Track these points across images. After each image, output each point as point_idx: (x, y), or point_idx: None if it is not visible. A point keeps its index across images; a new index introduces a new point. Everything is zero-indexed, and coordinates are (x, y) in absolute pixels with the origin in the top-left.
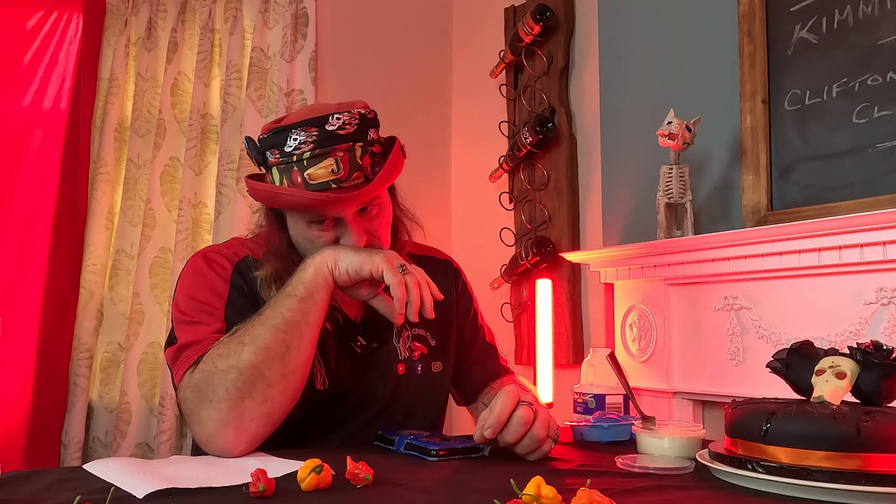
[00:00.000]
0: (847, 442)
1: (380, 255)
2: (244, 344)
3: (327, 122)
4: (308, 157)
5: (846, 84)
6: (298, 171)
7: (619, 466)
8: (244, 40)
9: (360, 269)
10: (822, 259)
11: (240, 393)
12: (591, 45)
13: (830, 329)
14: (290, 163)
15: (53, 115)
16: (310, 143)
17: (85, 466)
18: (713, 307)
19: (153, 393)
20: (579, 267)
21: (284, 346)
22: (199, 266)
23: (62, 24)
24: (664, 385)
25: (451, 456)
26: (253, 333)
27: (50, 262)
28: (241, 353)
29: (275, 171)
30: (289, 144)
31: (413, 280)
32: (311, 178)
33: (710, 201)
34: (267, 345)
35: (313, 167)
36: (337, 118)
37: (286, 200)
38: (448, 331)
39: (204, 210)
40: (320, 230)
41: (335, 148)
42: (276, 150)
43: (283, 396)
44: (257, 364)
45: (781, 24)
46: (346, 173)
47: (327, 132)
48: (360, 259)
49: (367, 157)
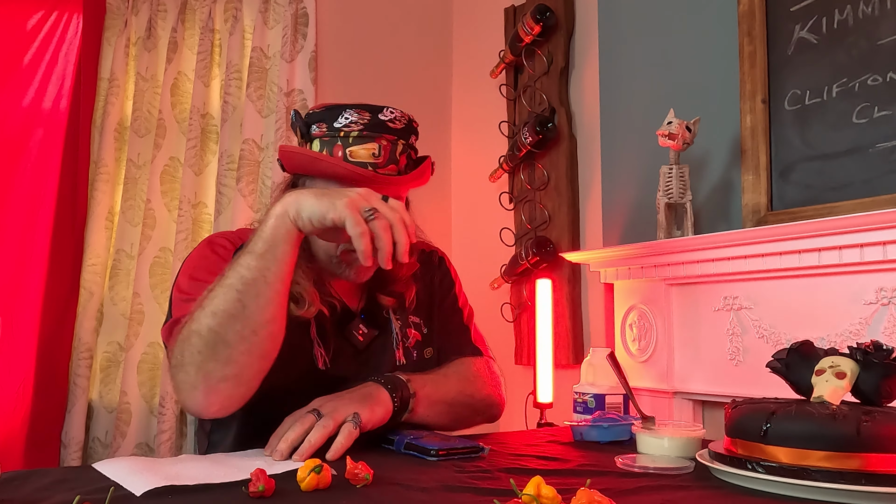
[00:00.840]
0: (847, 442)
1: (344, 199)
2: (203, 307)
3: (381, 112)
4: (355, 136)
5: (846, 84)
6: (341, 146)
7: (619, 466)
8: (244, 40)
9: (322, 218)
10: (822, 259)
11: (203, 356)
12: (591, 44)
13: (830, 329)
14: (336, 137)
15: (53, 114)
16: (360, 124)
17: (94, 465)
18: (713, 307)
19: (153, 393)
20: (579, 267)
21: (240, 306)
22: (203, 251)
23: (62, 24)
24: (664, 385)
25: (450, 456)
26: (210, 296)
27: (50, 262)
28: (200, 317)
29: (316, 142)
30: (339, 121)
31: (381, 224)
32: (352, 154)
33: (710, 201)
34: (222, 306)
35: (357, 146)
36: (390, 111)
37: (323, 167)
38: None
39: (204, 210)
40: None
41: (382, 135)
42: (323, 124)
43: (248, 356)
44: (214, 327)
45: (781, 23)
46: (384, 161)
47: (378, 120)
48: (323, 206)
49: (404, 157)
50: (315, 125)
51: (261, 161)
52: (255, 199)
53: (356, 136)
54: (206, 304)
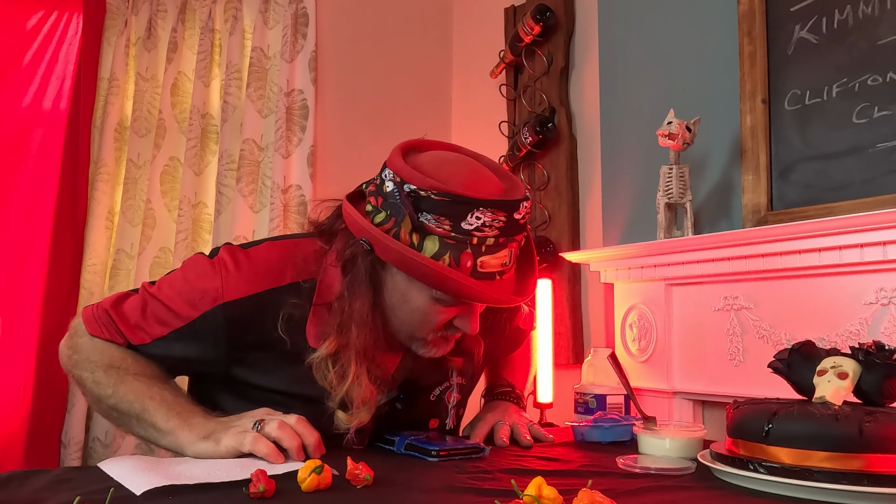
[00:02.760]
0: (849, 442)
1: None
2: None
3: (517, 210)
4: (491, 245)
5: (846, 84)
6: (472, 256)
7: (621, 467)
8: (244, 40)
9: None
10: (823, 259)
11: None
12: (591, 44)
13: (830, 329)
14: (466, 244)
15: (53, 115)
16: (496, 228)
17: (99, 465)
18: (713, 307)
19: None
20: (579, 267)
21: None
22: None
23: (62, 24)
24: (664, 385)
25: (451, 456)
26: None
27: (50, 263)
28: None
29: (432, 240)
30: (469, 222)
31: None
32: (483, 265)
33: (710, 201)
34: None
35: (489, 255)
36: (524, 206)
37: (452, 286)
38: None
39: (204, 210)
40: (445, 307)
41: (515, 239)
42: (447, 221)
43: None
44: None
45: (781, 23)
46: (510, 266)
47: (514, 221)
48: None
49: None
50: (433, 216)
51: (261, 161)
52: (255, 200)
53: (492, 245)
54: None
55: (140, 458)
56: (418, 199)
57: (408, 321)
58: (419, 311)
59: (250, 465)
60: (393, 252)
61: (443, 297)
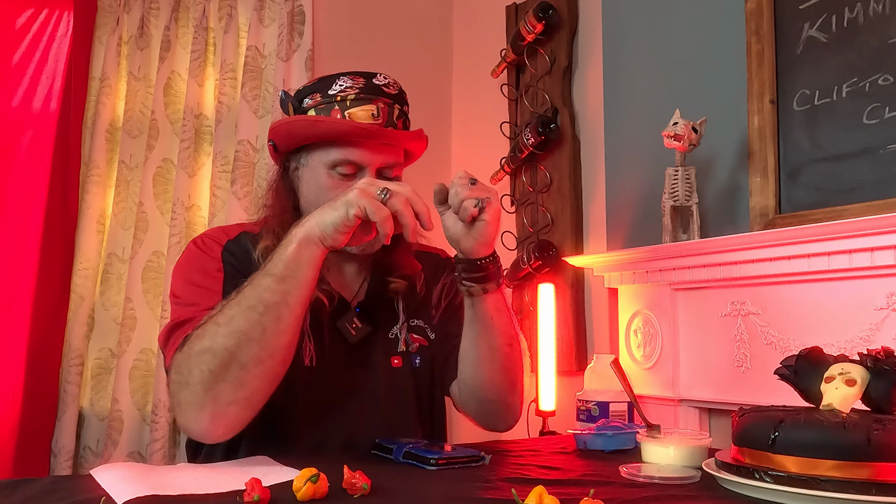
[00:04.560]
0: (857, 451)
1: (354, 191)
2: (219, 325)
3: (374, 77)
4: (352, 99)
5: (856, 84)
6: (339, 110)
7: (624, 476)
8: (239, 39)
9: (346, 219)
10: (832, 263)
11: (214, 377)
12: (594, 43)
13: (840, 335)
14: (333, 102)
15: (43, 115)
16: (356, 88)
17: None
18: (720, 313)
19: (146, 400)
20: (582, 271)
21: (260, 329)
22: (192, 251)
23: (52, 23)
24: (669, 392)
25: (450, 465)
26: (228, 314)
27: (40, 267)
28: (215, 335)
29: (311, 112)
30: (333, 88)
31: (399, 200)
32: (352, 116)
33: (716, 204)
34: (241, 327)
35: (356, 108)
36: (383, 77)
37: (324, 127)
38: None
39: (198, 213)
40: (342, 177)
41: (380, 98)
42: (317, 94)
43: (261, 380)
44: (231, 347)
45: (790, 22)
46: (383, 121)
47: (374, 84)
48: (340, 209)
49: (401, 121)
50: (308, 98)
51: (256, 163)
52: (251, 202)
53: (353, 100)
54: (223, 321)
55: (132, 465)
56: (299, 93)
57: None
58: (321, 185)
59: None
60: (289, 129)
61: (335, 158)
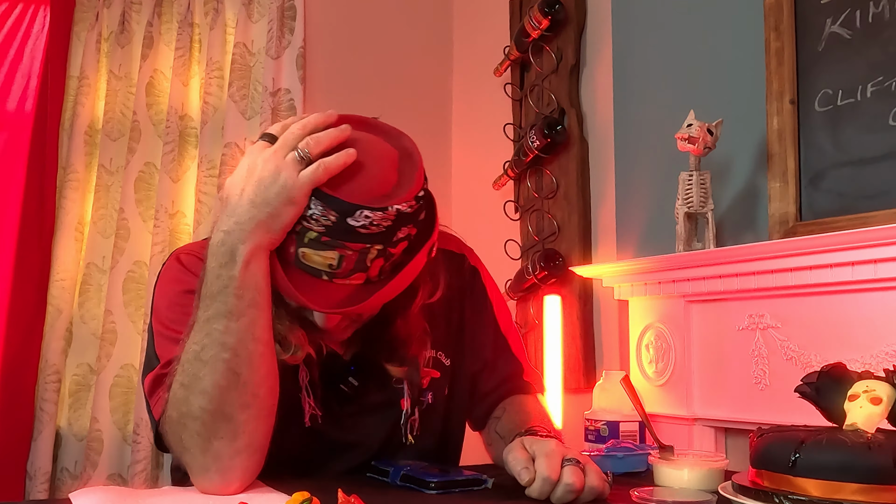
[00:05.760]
0: (883, 473)
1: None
2: (187, 387)
3: (351, 216)
4: (312, 239)
5: (882, 83)
6: (295, 243)
7: (635, 500)
8: (226, 35)
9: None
10: (856, 274)
11: (204, 438)
12: (603, 40)
13: (865, 350)
14: (293, 231)
15: (18, 116)
16: (322, 225)
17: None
18: (737, 326)
19: (126, 419)
20: (591, 282)
21: (233, 375)
22: (175, 271)
23: (28, 18)
24: (683, 411)
25: (450, 489)
26: (191, 373)
27: (14, 277)
28: (187, 400)
29: None
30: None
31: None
32: (304, 257)
33: (733, 211)
34: (214, 382)
35: (312, 250)
36: (366, 216)
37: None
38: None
39: (182, 220)
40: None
41: (346, 245)
42: None
43: (255, 421)
44: (208, 407)
45: (811, 17)
46: (345, 272)
47: (346, 226)
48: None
49: (380, 261)
50: None
51: None
52: None
53: (313, 240)
54: (188, 382)
55: (113, 488)
56: None
57: None
58: None
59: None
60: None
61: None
